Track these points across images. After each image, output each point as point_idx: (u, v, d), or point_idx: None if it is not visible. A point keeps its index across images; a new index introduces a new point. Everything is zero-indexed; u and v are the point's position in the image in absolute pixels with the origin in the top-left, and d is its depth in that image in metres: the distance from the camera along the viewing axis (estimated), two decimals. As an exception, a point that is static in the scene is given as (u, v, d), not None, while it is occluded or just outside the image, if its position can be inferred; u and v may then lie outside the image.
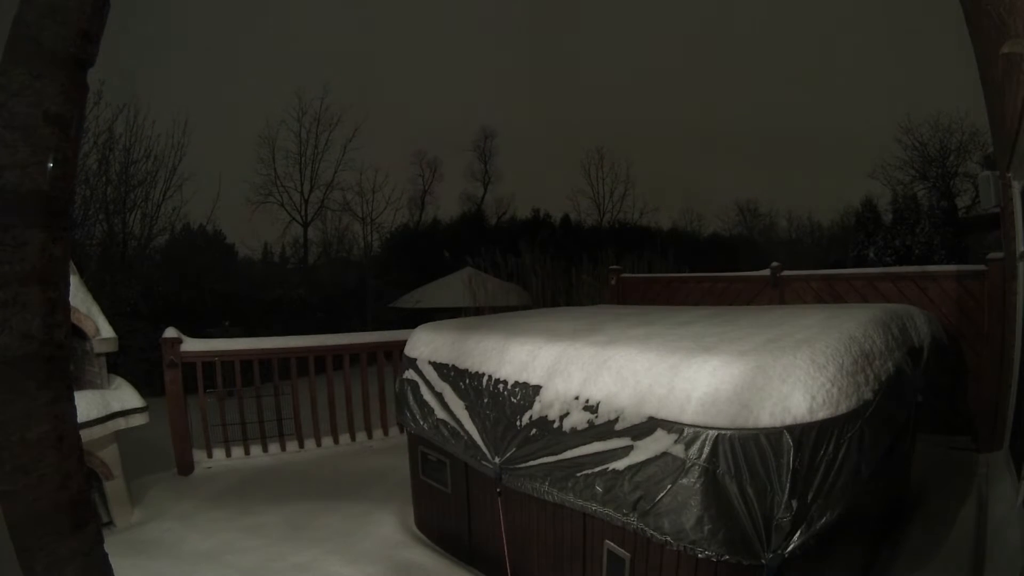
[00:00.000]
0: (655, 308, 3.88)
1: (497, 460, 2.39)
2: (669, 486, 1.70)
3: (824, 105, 23.24)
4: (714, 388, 1.74)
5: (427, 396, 2.93)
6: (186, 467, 4.24)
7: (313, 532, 3.23)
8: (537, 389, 2.26)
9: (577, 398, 2.09)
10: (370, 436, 5.01)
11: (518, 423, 2.30)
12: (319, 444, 4.79)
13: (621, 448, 1.88)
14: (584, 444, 2.01)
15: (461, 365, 2.74)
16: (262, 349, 4.68)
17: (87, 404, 3.20)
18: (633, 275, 7.00)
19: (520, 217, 25.17)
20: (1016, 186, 3.18)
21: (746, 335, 2.14)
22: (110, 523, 3.36)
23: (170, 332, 4.29)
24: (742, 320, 2.63)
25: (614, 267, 6.69)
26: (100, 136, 11.05)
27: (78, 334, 3.35)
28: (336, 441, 4.86)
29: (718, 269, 6.44)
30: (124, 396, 3.49)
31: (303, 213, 19.87)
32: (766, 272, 5.17)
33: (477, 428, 2.54)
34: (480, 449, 2.50)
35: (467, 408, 2.63)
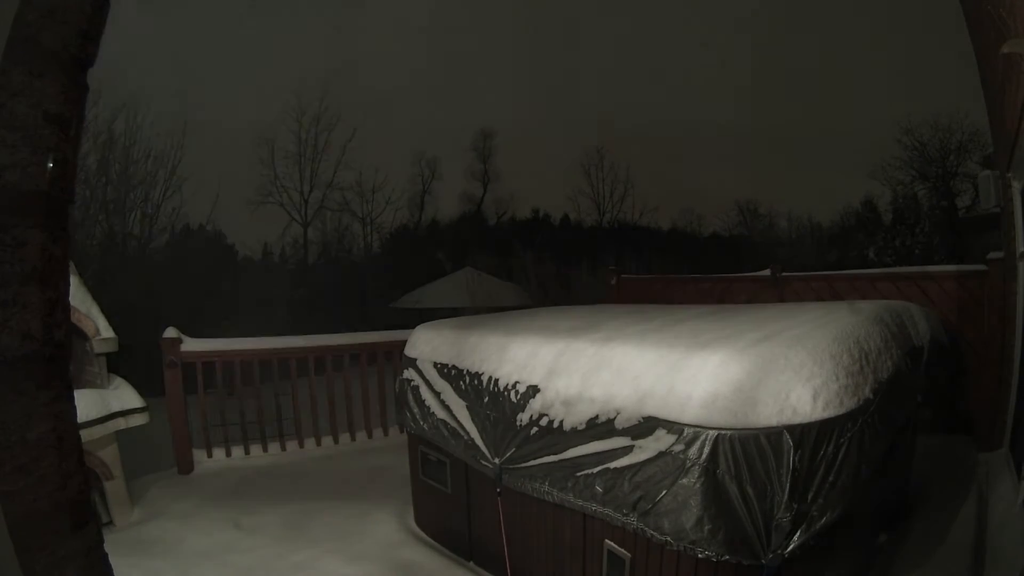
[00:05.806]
0: (654, 307, 3.88)
1: (497, 460, 2.39)
2: (669, 486, 1.70)
3: (824, 105, 23.21)
4: (714, 388, 1.73)
5: (427, 396, 2.93)
6: (186, 467, 4.25)
7: (313, 532, 3.23)
8: (537, 388, 2.26)
9: (577, 397, 2.09)
10: (370, 436, 5.02)
11: (518, 423, 2.29)
12: (319, 444, 4.79)
13: (621, 448, 1.88)
14: (584, 444, 2.01)
15: (461, 365, 2.74)
16: (262, 349, 4.68)
17: (87, 404, 3.19)
18: (633, 275, 7.00)
19: (520, 217, 25.14)
20: (1016, 186, 3.18)
21: (744, 332, 2.14)
22: (110, 523, 3.36)
23: (170, 332, 4.30)
24: (740, 317, 2.62)
25: (613, 267, 6.69)
26: (100, 136, 11.09)
27: (78, 334, 3.35)
28: (336, 441, 4.86)
29: (718, 269, 6.45)
30: (124, 396, 3.49)
31: (303, 213, 19.90)
32: (766, 273, 5.17)
33: (477, 428, 2.54)
34: (480, 449, 2.50)
35: (467, 408, 2.63)
